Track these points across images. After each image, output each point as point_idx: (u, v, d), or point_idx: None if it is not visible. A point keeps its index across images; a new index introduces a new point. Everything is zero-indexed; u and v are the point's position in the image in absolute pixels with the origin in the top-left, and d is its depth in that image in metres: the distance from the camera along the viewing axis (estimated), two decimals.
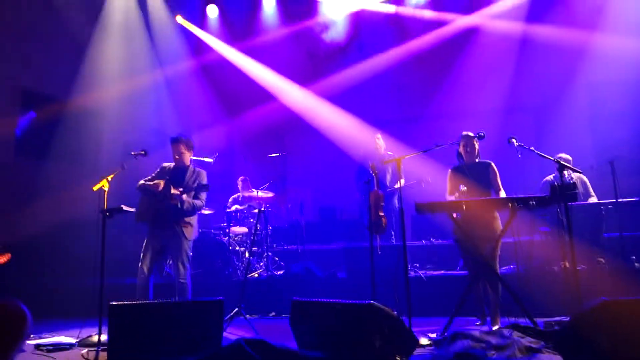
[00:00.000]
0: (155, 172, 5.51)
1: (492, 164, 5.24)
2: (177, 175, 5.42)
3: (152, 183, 5.28)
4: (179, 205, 5.19)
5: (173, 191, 5.16)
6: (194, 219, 5.44)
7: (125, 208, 5.12)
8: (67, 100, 8.54)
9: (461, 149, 5.30)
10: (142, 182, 5.40)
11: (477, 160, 5.28)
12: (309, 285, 6.67)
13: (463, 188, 4.98)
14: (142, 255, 5.21)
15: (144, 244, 5.26)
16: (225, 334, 4.38)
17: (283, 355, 3.59)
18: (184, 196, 5.22)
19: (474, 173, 5.18)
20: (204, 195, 5.46)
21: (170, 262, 6.84)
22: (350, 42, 10.12)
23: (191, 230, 5.38)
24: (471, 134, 5.24)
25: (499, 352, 3.73)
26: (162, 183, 5.24)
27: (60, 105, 8.44)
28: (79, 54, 8.72)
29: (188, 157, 5.53)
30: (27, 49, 8.06)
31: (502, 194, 5.05)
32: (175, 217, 5.27)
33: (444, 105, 9.64)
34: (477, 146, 5.26)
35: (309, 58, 10.42)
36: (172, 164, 5.52)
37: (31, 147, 8.12)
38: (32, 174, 8.03)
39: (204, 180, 5.43)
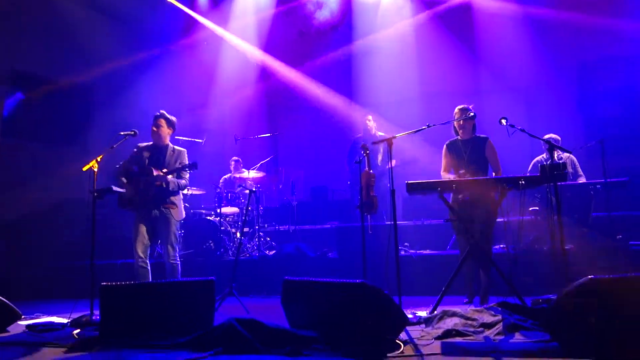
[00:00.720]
0: (132, 155, 5.35)
1: (489, 140, 5.22)
2: (156, 155, 5.30)
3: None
4: (164, 186, 5.13)
5: (156, 172, 5.08)
6: (178, 199, 5.36)
7: (115, 189, 5.09)
8: (56, 80, 8.43)
9: (455, 124, 5.30)
10: (119, 167, 5.29)
11: (473, 135, 5.28)
12: (301, 265, 6.70)
13: (462, 172, 5.00)
14: (133, 239, 5.18)
15: (133, 228, 5.21)
16: (216, 313, 4.39)
17: (274, 333, 3.63)
18: (169, 177, 5.15)
19: (469, 148, 5.18)
20: (187, 174, 5.38)
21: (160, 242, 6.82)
22: (343, 21, 10.01)
23: (177, 211, 5.31)
24: (466, 107, 5.22)
25: (487, 330, 3.78)
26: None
27: (49, 86, 8.33)
28: (68, 34, 8.57)
29: (166, 133, 5.35)
30: (16, 30, 7.91)
31: (499, 173, 5.06)
32: (160, 199, 5.18)
33: (435, 85, 9.59)
34: (471, 121, 5.25)
35: (300, 37, 10.31)
36: (149, 143, 5.38)
37: (19, 128, 8.03)
38: (20, 155, 7.96)
39: (186, 160, 5.33)
